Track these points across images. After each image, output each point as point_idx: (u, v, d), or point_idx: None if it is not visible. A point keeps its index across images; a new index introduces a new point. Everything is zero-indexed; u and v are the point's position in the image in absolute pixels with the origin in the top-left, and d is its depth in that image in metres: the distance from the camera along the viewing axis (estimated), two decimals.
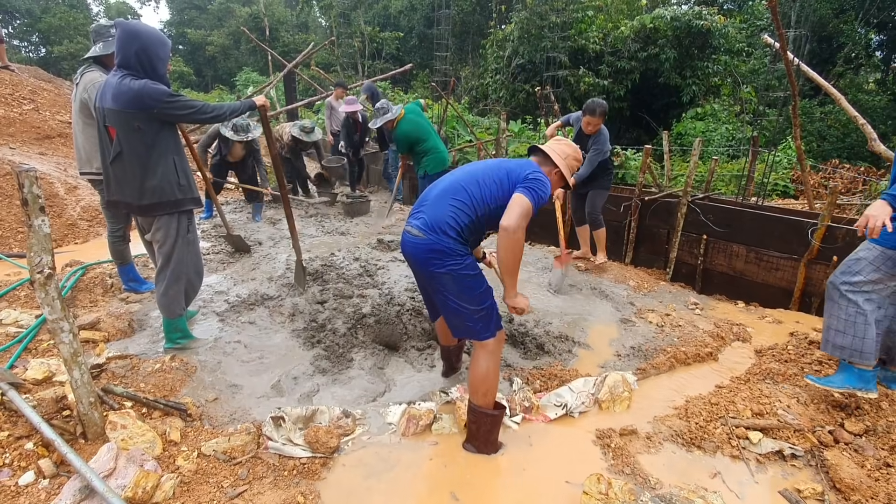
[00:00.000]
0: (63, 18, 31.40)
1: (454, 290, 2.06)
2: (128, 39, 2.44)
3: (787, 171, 8.34)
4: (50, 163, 6.25)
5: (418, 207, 2.20)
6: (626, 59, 11.92)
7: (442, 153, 5.14)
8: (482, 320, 2.10)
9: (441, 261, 2.04)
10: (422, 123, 5.12)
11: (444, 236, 2.04)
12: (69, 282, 3.48)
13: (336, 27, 21.02)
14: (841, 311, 2.40)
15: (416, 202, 2.25)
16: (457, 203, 2.09)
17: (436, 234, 2.04)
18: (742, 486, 2.06)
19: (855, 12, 13.84)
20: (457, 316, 2.11)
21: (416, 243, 2.08)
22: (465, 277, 2.06)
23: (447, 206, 2.09)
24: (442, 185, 2.20)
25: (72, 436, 2.00)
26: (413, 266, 2.24)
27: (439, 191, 2.17)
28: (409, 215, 2.23)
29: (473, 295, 2.07)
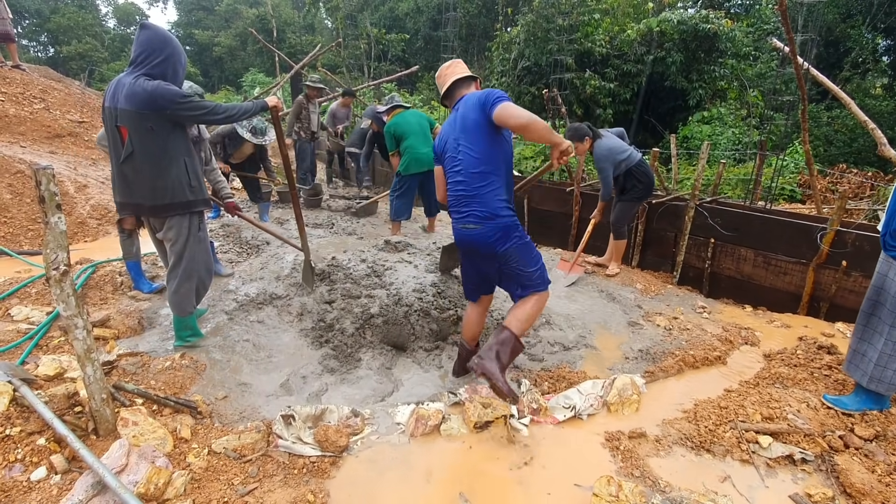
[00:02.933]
0: (72, 18, 31.67)
1: (520, 259, 2.41)
2: (159, 43, 2.49)
3: (794, 175, 8.31)
4: (60, 161, 6.30)
5: (459, 205, 2.43)
6: (632, 63, 11.92)
7: (417, 155, 5.11)
8: (540, 276, 2.48)
9: (507, 238, 2.36)
10: (410, 122, 5.14)
11: (499, 218, 2.34)
12: (80, 279, 3.51)
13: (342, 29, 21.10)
14: None
15: (451, 199, 2.49)
16: (486, 183, 2.35)
17: (493, 220, 2.34)
18: (752, 490, 2.05)
19: (862, 17, 13.81)
20: (520, 280, 2.45)
21: (478, 234, 2.37)
22: (526, 245, 2.44)
23: (485, 191, 2.35)
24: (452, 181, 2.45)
25: (84, 432, 2.01)
26: (474, 254, 2.51)
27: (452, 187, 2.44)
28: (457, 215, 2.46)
29: (531, 256, 2.46)
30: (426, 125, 5.25)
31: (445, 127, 2.56)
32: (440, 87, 2.66)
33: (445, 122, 2.59)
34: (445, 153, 2.53)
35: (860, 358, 2.41)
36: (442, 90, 2.63)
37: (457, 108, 2.52)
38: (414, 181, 5.31)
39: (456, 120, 2.48)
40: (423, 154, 5.13)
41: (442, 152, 2.57)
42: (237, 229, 5.52)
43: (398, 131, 5.17)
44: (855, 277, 3.69)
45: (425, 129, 5.21)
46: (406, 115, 5.25)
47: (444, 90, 2.62)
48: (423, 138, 5.18)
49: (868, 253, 3.60)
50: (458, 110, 2.50)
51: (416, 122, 5.19)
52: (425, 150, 5.14)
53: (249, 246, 5.00)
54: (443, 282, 3.72)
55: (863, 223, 4.13)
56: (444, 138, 2.55)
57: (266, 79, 20.17)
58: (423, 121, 5.26)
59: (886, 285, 2.30)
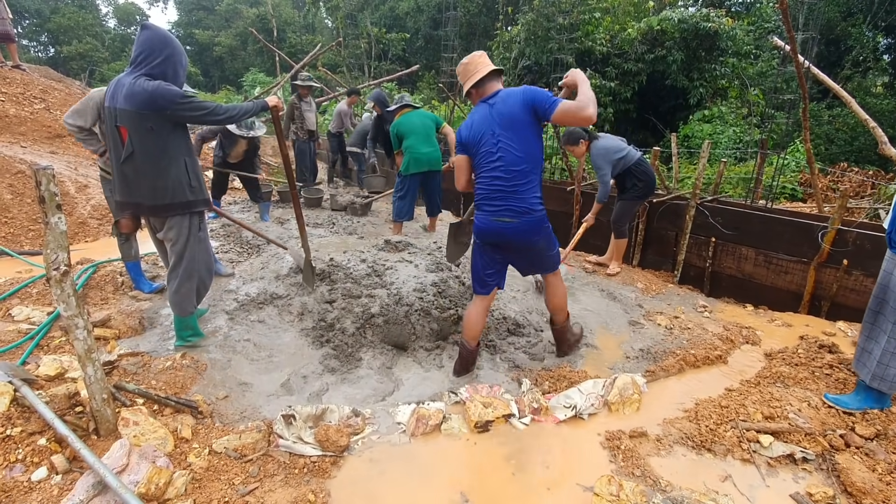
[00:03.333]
0: (72, 19, 31.68)
1: (546, 246, 2.66)
2: (159, 44, 2.50)
3: (795, 174, 8.29)
4: (61, 161, 6.31)
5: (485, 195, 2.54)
6: (633, 61, 11.88)
7: (417, 155, 5.13)
8: (556, 256, 2.77)
9: (539, 230, 2.57)
10: (413, 122, 5.17)
11: (535, 213, 2.52)
12: (80, 279, 3.51)
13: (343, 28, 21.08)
14: None
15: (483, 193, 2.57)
16: (526, 181, 2.48)
17: (528, 214, 2.50)
18: (753, 489, 2.05)
19: (863, 15, 13.78)
20: (543, 264, 2.74)
21: (513, 227, 2.51)
22: (550, 233, 2.67)
23: (524, 188, 2.48)
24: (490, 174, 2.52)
25: (84, 432, 2.01)
26: (504, 245, 2.63)
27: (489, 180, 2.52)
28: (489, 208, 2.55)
29: (553, 241, 2.71)
30: (430, 125, 5.26)
31: (478, 119, 2.56)
32: (467, 78, 2.61)
33: (476, 115, 2.59)
34: (480, 146, 2.54)
35: (867, 356, 2.41)
36: (472, 81, 2.58)
37: (491, 102, 2.53)
38: (415, 181, 5.32)
39: (492, 114, 2.49)
40: (423, 154, 5.14)
41: (474, 144, 2.57)
42: (238, 229, 5.52)
43: (401, 131, 5.20)
44: (856, 276, 3.68)
45: (428, 129, 5.22)
46: (411, 115, 5.26)
47: (475, 81, 2.57)
48: (425, 139, 5.18)
49: (869, 251, 3.60)
50: (492, 105, 2.51)
51: (420, 123, 5.20)
52: (426, 150, 5.15)
53: (250, 246, 5.00)
54: (443, 281, 3.72)
55: (864, 222, 4.12)
56: (477, 130, 2.54)
57: (266, 78, 20.16)
58: (428, 121, 5.27)
59: (892, 283, 2.30)
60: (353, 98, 8.44)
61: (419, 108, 5.43)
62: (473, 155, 2.62)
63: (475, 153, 2.59)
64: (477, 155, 2.59)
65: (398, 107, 5.43)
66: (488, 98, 2.56)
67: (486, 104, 2.55)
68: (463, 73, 2.64)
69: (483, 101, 2.58)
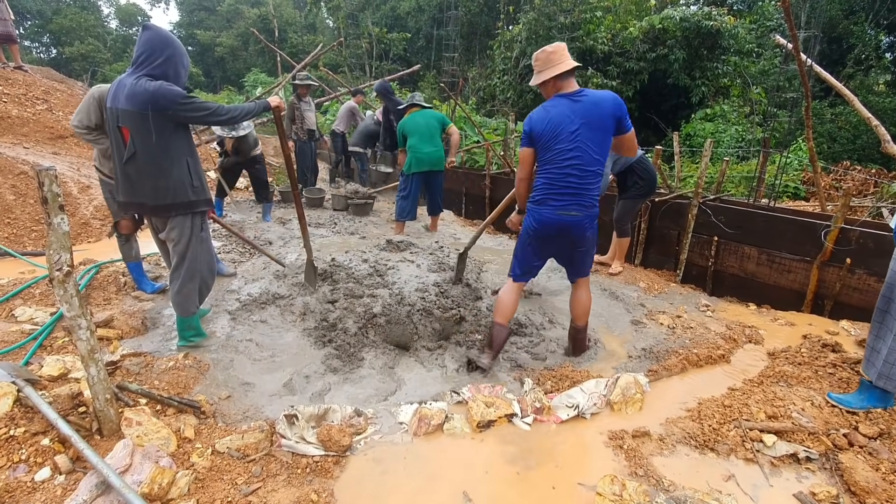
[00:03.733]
0: (74, 20, 31.76)
1: (592, 240, 2.79)
2: (161, 44, 2.50)
3: (798, 172, 8.28)
4: (63, 162, 6.32)
5: (556, 190, 2.60)
6: (634, 60, 11.87)
7: (419, 155, 5.18)
8: (592, 256, 2.92)
9: (592, 224, 2.72)
10: (417, 122, 5.22)
11: (594, 208, 2.67)
12: (83, 280, 3.52)
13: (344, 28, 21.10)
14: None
15: (551, 188, 2.61)
16: (595, 180, 2.61)
17: (590, 209, 2.65)
18: (756, 488, 2.04)
19: (865, 13, 13.74)
20: (584, 259, 2.85)
21: (577, 220, 2.63)
22: (597, 229, 2.81)
23: (592, 187, 2.60)
24: (563, 170, 2.57)
25: (88, 432, 2.02)
26: (562, 237, 2.72)
27: (562, 174, 2.58)
28: (556, 202, 2.62)
29: (596, 238, 2.84)
30: (435, 125, 5.29)
31: (556, 114, 2.54)
32: (550, 66, 2.55)
33: (554, 109, 2.56)
34: (556, 140, 2.54)
35: (875, 355, 2.40)
36: (557, 70, 2.53)
37: (575, 99, 2.53)
38: (418, 180, 5.34)
39: (576, 112, 2.51)
40: (425, 154, 5.17)
41: (549, 137, 2.56)
42: (240, 229, 5.53)
43: (406, 130, 5.27)
44: (859, 275, 3.67)
45: (433, 129, 5.25)
46: (416, 115, 5.31)
47: (560, 72, 2.53)
48: (428, 138, 5.22)
49: (873, 250, 3.58)
50: (577, 101, 2.52)
51: (424, 123, 5.24)
52: (428, 150, 5.19)
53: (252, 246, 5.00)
54: (445, 281, 3.72)
55: (867, 220, 4.11)
56: (555, 125, 2.53)
57: (268, 79, 20.18)
58: (434, 121, 5.31)
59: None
60: (360, 98, 8.58)
61: (428, 108, 5.45)
62: (543, 148, 2.60)
63: (545, 146, 2.58)
64: (548, 149, 2.57)
65: (407, 105, 5.50)
66: (571, 94, 2.55)
67: (567, 99, 2.54)
68: (545, 60, 2.57)
69: (563, 95, 2.56)
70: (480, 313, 3.43)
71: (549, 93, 2.65)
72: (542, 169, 2.68)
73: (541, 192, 2.68)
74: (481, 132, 8.34)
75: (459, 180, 7.59)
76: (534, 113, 2.64)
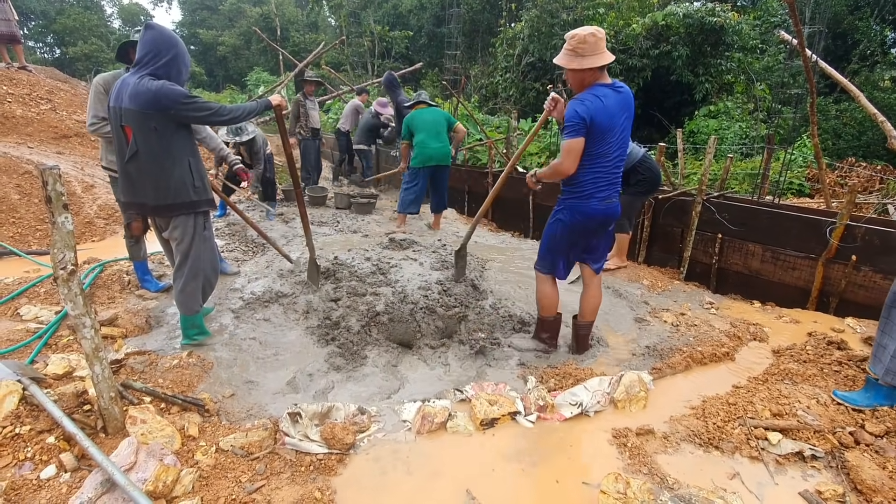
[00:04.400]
0: (77, 20, 31.87)
1: None
2: (164, 44, 2.51)
3: (803, 169, 8.23)
4: (67, 162, 6.35)
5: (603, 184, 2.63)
6: (637, 57, 11.80)
7: (427, 149, 5.28)
8: None
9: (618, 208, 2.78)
10: (425, 119, 5.29)
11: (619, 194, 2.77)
12: (87, 279, 3.53)
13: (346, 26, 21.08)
14: None
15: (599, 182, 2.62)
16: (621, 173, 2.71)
17: (618, 196, 2.74)
18: (761, 487, 2.03)
19: (870, 9, 13.63)
20: (609, 241, 2.97)
21: (615, 207, 2.72)
22: None
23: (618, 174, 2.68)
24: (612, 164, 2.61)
25: (92, 430, 2.02)
26: (602, 227, 2.77)
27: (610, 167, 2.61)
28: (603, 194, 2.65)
29: None
30: (443, 123, 5.38)
31: (612, 105, 2.47)
32: (595, 54, 2.43)
33: (608, 100, 2.46)
34: (611, 133, 2.51)
35: (882, 351, 2.38)
36: (599, 62, 2.43)
37: (617, 90, 2.52)
38: (425, 175, 5.41)
39: (619, 104, 2.52)
40: (433, 150, 5.26)
41: (605, 128, 2.48)
42: (243, 228, 5.54)
43: (413, 125, 5.34)
44: (865, 272, 3.65)
45: (440, 126, 5.34)
46: (424, 112, 5.39)
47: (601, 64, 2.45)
48: (436, 135, 5.31)
49: (878, 247, 3.56)
50: (619, 92, 2.52)
51: (432, 120, 5.32)
52: (436, 145, 5.27)
53: (255, 244, 5.02)
54: (448, 279, 3.71)
55: (873, 217, 4.07)
56: (611, 115, 2.48)
57: (270, 77, 20.21)
58: (440, 118, 5.39)
59: None
60: (364, 97, 8.65)
61: (434, 106, 5.51)
62: (597, 140, 2.50)
63: (600, 138, 2.49)
64: (602, 141, 2.50)
65: (415, 101, 5.58)
66: (612, 85, 2.52)
67: (613, 91, 2.50)
68: (594, 44, 2.41)
69: (606, 86, 2.50)
70: (483, 311, 3.43)
71: (586, 81, 2.51)
72: (591, 163, 2.57)
73: (588, 186, 2.61)
74: (484, 130, 8.33)
75: (462, 178, 7.58)
76: (587, 100, 2.45)
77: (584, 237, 2.79)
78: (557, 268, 2.89)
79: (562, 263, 2.88)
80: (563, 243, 2.80)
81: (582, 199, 2.65)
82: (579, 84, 2.55)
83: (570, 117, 2.46)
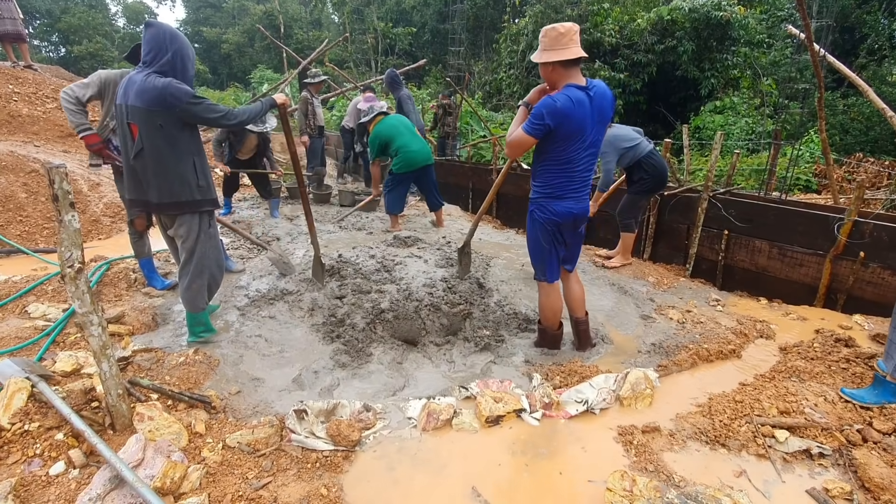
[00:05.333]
0: (82, 18, 31.97)
1: None
2: (167, 39, 2.50)
3: (810, 165, 8.16)
4: (73, 160, 6.38)
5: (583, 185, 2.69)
6: (642, 52, 11.74)
7: (410, 153, 5.09)
8: None
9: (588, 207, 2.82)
10: (395, 125, 5.13)
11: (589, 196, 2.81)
12: (94, 277, 3.55)
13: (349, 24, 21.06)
14: None
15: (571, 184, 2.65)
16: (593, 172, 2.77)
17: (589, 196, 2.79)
18: (768, 484, 2.02)
19: (879, 2, 13.45)
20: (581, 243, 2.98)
21: (586, 207, 2.76)
22: None
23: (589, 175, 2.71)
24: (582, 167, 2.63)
25: (100, 427, 2.04)
26: (580, 223, 2.82)
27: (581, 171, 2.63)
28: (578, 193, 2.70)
29: None
30: (409, 123, 5.30)
31: (579, 110, 2.44)
32: (554, 49, 2.42)
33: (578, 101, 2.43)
34: (580, 138, 2.51)
35: (893, 348, 2.37)
36: (558, 56, 2.41)
37: (591, 94, 2.48)
38: (408, 178, 5.32)
39: (593, 108, 2.49)
40: (415, 152, 5.12)
41: (574, 132, 2.48)
42: (248, 225, 5.56)
43: (384, 135, 5.11)
44: (873, 269, 3.62)
45: (410, 126, 5.24)
46: (389, 119, 5.23)
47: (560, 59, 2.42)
48: (413, 136, 5.18)
49: (887, 243, 3.52)
50: (592, 96, 2.48)
51: (400, 123, 5.19)
52: (417, 147, 5.14)
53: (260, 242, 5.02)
54: (453, 276, 3.71)
55: (881, 213, 4.04)
56: (582, 122, 2.47)
57: (274, 75, 20.20)
58: (405, 120, 5.31)
59: None
60: (369, 94, 8.55)
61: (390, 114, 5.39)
62: (562, 141, 2.50)
63: (565, 141, 2.49)
64: (569, 144, 2.51)
65: (373, 116, 5.31)
66: (585, 88, 2.48)
67: (584, 92, 2.46)
68: (554, 39, 2.41)
69: (578, 87, 2.45)
70: (488, 308, 3.43)
71: (553, 79, 2.51)
72: (560, 167, 2.60)
73: (559, 188, 2.64)
74: (488, 126, 8.31)
75: (466, 175, 7.57)
76: (559, 103, 2.40)
77: (561, 232, 2.80)
78: (552, 269, 2.87)
79: (554, 262, 2.86)
80: (546, 241, 2.80)
81: (555, 199, 2.68)
82: (550, 81, 2.56)
83: (537, 116, 2.46)
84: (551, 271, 2.87)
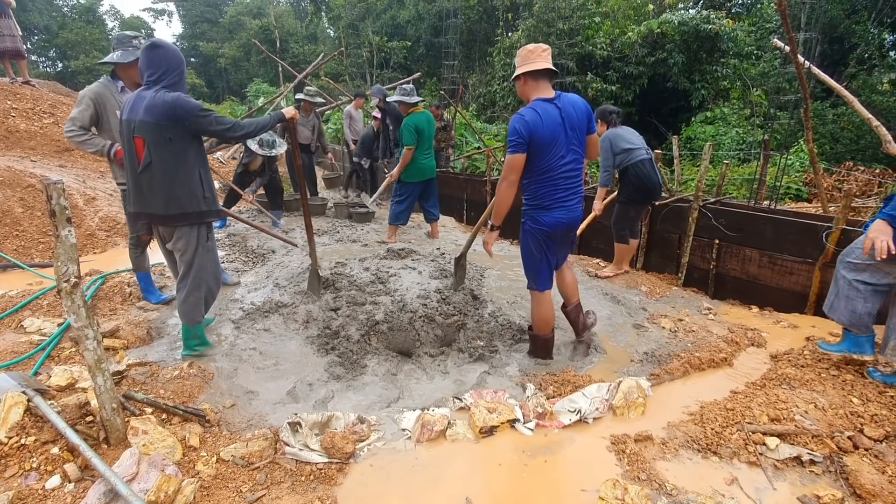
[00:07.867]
0: (79, 34, 32.20)
1: None
2: (174, 60, 2.59)
3: (800, 174, 8.27)
4: (70, 175, 6.40)
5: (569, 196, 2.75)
6: (633, 65, 11.92)
7: (421, 165, 5.20)
8: None
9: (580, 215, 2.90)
10: (428, 130, 5.20)
11: None
12: (89, 291, 3.56)
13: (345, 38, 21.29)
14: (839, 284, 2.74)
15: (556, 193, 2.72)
16: (581, 177, 2.81)
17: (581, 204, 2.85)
18: (760, 492, 2.04)
19: (868, 12, 13.70)
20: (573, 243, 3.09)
21: (578, 214, 2.84)
22: None
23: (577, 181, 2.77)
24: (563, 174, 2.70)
25: (95, 441, 2.05)
26: (570, 231, 2.90)
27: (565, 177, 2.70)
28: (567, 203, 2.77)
29: None
30: (433, 133, 5.36)
31: (549, 120, 2.57)
32: (531, 61, 2.63)
33: (546, 115, 2.57)
34: (553, 147, 2.61)
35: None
36: (527, 68, 2.62)
37: (559, 105, 2.60)
38: (416, 189, 5.39)
39: (563, 117, 2.59)
40: (425, 164, 5.24)
41: (548, 144, 2.60)
42: (243, 238, 5.58)
43: (422, 128, 5.10)
44: None
45: (431, 138, 5.32)
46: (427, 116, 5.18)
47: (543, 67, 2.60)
48: (428, 148, 5.27)
49: None
50: (561, 108, 2.60)
51: (429, 132, 5.21)
52: (426, 160, 5.24)
53: (255, 255, 5.05)
54: (447, 288, 3.74)
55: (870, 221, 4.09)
56: (552, 131, 2.58)
57: (270, 89, 20.36)
58: (433, 129, 5.36)
59: None
60: (360, 101, 8.55)
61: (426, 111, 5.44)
62: (539, 153, 2.62)
63: (542, 151, 2.61)
64: (545, 154, 2.62)
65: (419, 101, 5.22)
66: (553, 99, 2.62)
67: (551, 105, 2.60)
68: (525, 56, 2.65)
69: (546, 100, 2.61)
70: (482, 319, 3.45)
71: (525, 92, 2.71)
72: (541, 177, 2.70)
73: (546, 198, 2.73)
74: (482, 138, 8.40)
75: (461, 186, 7.63)
76: (527, 116, 2.57)
77: (557, 244, 2.89)
78: (544, 278, 2.93)
79: (545, 271, 2.92)
80: (538, 250, 2.87)
81: (545, 210, 2.76)
82: (523, 95, 2.76)
83: (511, 133, 2.61)
84: (543, 280, 2.91)
